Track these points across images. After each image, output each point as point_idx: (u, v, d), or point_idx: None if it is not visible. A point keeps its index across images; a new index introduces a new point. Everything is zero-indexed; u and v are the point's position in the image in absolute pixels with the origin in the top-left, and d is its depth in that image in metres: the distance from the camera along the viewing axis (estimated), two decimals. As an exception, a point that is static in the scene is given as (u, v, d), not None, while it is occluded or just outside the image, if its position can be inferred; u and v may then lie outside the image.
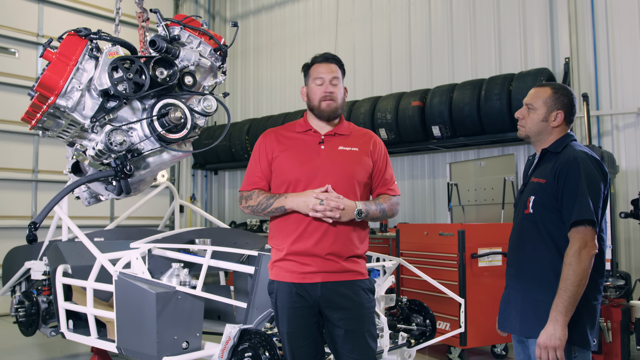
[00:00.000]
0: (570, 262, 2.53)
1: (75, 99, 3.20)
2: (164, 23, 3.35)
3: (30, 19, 9.61)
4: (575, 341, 2.60)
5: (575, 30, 7.51)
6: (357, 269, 2.92)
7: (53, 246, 4.93)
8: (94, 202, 4.08)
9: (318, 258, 2.84)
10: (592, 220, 2.54)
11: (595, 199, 2.59)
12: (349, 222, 2.88)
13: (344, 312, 2.84)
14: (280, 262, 2.92)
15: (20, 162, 9.37)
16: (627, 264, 6.93)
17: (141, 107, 3.37)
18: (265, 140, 3.04)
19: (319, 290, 2.84)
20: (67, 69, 3.12)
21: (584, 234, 2.55)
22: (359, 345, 2.84)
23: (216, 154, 11.06)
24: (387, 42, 9.60)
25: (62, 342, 6.40)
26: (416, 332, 4.57)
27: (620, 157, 7.07)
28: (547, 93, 2.82)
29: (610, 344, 5.20)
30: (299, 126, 3.06)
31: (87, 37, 3.19)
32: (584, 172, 2.61)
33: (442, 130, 7.73)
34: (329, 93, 2.95)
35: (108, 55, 3.15)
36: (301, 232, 2.86)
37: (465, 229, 5.78)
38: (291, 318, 2.87)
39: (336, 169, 2.91)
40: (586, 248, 2.53)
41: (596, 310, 2.69)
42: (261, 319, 3.66)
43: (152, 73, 3.22)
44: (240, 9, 12.41)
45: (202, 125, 3.53)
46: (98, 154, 3.19)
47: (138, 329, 3.71)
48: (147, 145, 3.34)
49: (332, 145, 2.97)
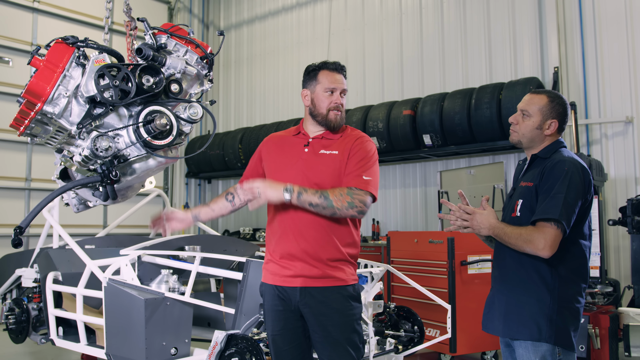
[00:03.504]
0: (523, 236, 2.59)
1: (62, 105, 3.24)
2: (151, 31, 3.40)
3: (25, 28, 9.66)
4: (558, 342, 2.63)
5: (564, 40, 7.60)
6: (338, 275, 2.85)
7: (44, 253, 4.93)
8: (83, 208, 4.10)
9: (298, 261, 2.83)
10: (557, 220, 2.54)
11: (571, 203, 2.59)
12: (327, 222, 2.83)
13: (323, 319, 2.82)
14: (267, 265, 2.96)
15: (14, 170, 9.38)
16: (617, 271, 6.97)
17: (127, 114, 3.40)
18: (261, 145, 3.13)
19: (297, 294, 2.83)
20: (54, 76, 3.16)
21: (545, 234, 2.55)
22: (338, 352, 2.81)
23: (210, 163, 11.08)
24: (379, 51, 9.68)
25: (52, 350, 6.39)
26: (404, 338, 4.58)
27: (609, 165, 7.13)
28: (544, 101, 2.84)
29: (599, 351, 5.22)
30: (295, 129, 3.09)
31: (74, 44, 3.24)
32: (565, 174, 2.63)
33: (433, 139, 7.78)
34: (339, 104, 2.97)
35: (95, 63, 3.19)
36: (281, 233, 2.89)
37: (454, 236, 5.81)
38: (275, 321, 2.89)
39: (308, 174, 2.88)
40: (540, 249, 2.55)
41: (579, 313, 2.71)
42: (249, 324, 3.68)
43: (139, 80, 3.26)
44: (234, 19, 12.48)
45: (188, 132, 3.57)
46: (84, 160, 3.22)
47: (127, 335, 3.72)
48: (133, 152, 3.38)
49: (315, 148, 2.96)
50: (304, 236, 2.84)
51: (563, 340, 2.64)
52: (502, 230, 2.68)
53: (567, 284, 2.67)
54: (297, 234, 2.85)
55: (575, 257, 2.70)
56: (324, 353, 2.85)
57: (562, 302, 2.64)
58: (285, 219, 2.89)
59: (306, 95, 3.03)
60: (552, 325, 2.62)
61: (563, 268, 2.67)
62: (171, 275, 3.89)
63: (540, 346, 2.64)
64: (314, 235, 2.84)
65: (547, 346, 2.63)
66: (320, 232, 2.85)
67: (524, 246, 2.59)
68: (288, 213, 2.87)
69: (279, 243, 2.90)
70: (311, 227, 2.84)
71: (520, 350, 2.70)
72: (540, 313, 2.65)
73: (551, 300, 2.65)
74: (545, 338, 2.62)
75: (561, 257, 2.64)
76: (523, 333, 2.67)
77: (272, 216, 2.99)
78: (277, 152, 3.02)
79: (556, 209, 2.56)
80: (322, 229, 2.85)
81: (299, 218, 2.85)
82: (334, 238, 2.87)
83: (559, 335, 2.63)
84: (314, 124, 3.02)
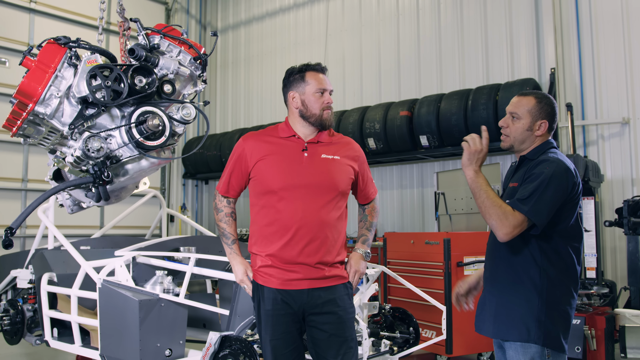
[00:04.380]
0: (503, 209, 2.59)
1: (54, 106, 3.23)
2: (144, 32, 3.39)
3: (21, 28, 9.67)
4: (547, 344, 2.62)
5: (560, 41, 7.61)
6: (339, 273, 2.96)
7: (39, 254, 4.92)
8: (77, 209, 4.09)
9: (305, 266, 2.86)
10: (526, 215, 2.56)
11: (544, 199, 2.58)
12: (334, 230, 2.93)
13: (329, 317, 2.87)
14: (266, 268, 2.92)
15: (10, 171, 9.39)
16: (613, 273, 6.97)
17: (120, 115, 3.39)
18: (245, 145, 3.02)
19: (305, 296, 2.86)
20: (45, 77, 3.15)
21: (515, 222, 2.56)
22: (343, 350, 2.86)
23: (207, 164, 11.08)
24: (376, 52, 9.68)
25: (48, 351, 6.37)
26: (399, 339, 4.57)
27: (606, 167, 7.13)
28: (532, 102, 2.83)
29: (595, 352, 5.21)
30: (282, 131, 3.05)
31: (66, 45, 3.22)
32: (546, 173, 2.62)
33: (429, 140, 7.77)
34: (330, 104, 3.02)
35: (87, 63, 3.18)
36: (288, 240, 2.87)
37: (450, 237, 5.80)
38: (275, 325, 2.87)
39: (319, 178, 2.91)
40: (503, 232, 2.57)
41: (569, 315, 2.71)
42: (243, 326, 3.67)
43: (131, 81, 3.25)
44: (232, 20, 12.48)
45: (181, 132, 3.56)
46: (76, 160, 3.21)
47: (121, 337, 3.71)
48: (126, 152, 3.37)
49: (315, 153, 2.97)
50: (314, 244, 2.88)
51: (552, 341, 2.64)
52: (484, 186, 2.67)
53: (555, 286, 2.66)
54: (305, 242, 2.87)
55: (563, 258, 2.69)
56: (329, 352, 2.86)
57: (551, 304, 2.64)
58: (290, 228, 2.88)
59: (294, 97, 3.02)
60: (540, 326, 2.62)
61: (552, 269, 2.66)
62: (166, 276, 3.88)
63: (529, 347, 2.63)
64: (321, 243, 2.89)
65: (536, 347, 2.62)
66: (329, 240, 2.92)
67: (491, 217, 2.59)
68: (294, 217, 2.87)
69: (284, 250, 2.87)
70: (319, 236, 2.89)
71: (510, 352, 2.70)
72: (529, 314, 2.64)
73: (539, 302, 2.64)
74: (534, 339, 2.62)
75: (549, 258, 2.65)
76: (512, 334, 2.67)
77: (268, 219, 2.94)
78: (271, 154, 2.97)
79: (528, 204, 2.56)
80: (330, 237, 2.92)
81: (308, 223, 2.87)
82: (338, 244, 2.97)
83: (547, 337, 2.62)
84: (306, 125, 3.02)
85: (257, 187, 2.97)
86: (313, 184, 2.90)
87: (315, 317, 2.88)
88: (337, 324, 2.88)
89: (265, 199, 2.94)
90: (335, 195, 2.94)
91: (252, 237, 3.03)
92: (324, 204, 2.90)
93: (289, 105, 3.05)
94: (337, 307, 2.89)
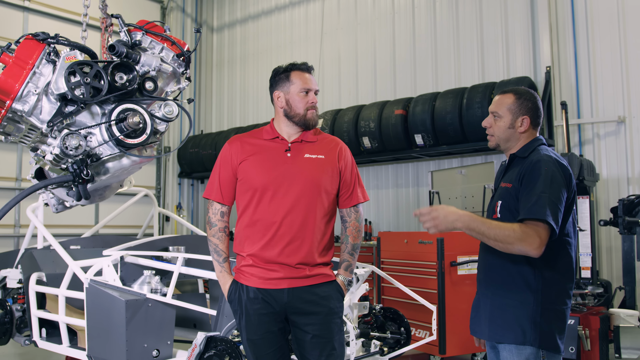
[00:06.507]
0: (516, 232, 2.46)
1: (32, 103, 3.19)
2: (126, 28, 3.34)
3: (15, 26, 9.64)
4: (543, 345, 2.59)
5: (556, 40, 7.57)
6: (323, 271, 2.91)
7: (27, 254, 4.90)
8: (62, 208, 4.06)
9: (285, 266, 2.82)
10: (546, 221, 2.48)
11: (554, 201, 2.53)
12: (317, 230, 2.88)
13: (312, 318, 2.83)
14: (246, 268, 2.89)
15: (4, 170, 9.36)
16: (609, 272, 6.94)
17: (100, 112, 3.35)
18: (230, 147, 3.01)
19: (285, 296, 2.82)
20: (23, 73, 3.11)
21: (540, 233, 2.46)
22: (327, 351, 2.82)
23: (202, 163, 11.04)
24: (372, 51, 9.65)
25: (40, 351, 6.32)
26: (390, 340, 4.53)
27: (601, 165, 7.09)
28: (511, 99, 2.80)
29: (589, 352, 5.18)
30: (265, 133, 3.03)
31: (44, 41, 3.19)
32: (545, 173, 2.58)
33: (424, 139, 7.73)
34: (315, 104, 2.99)
35: (66, 60, 3.14)
36: (268, 239, 2.84)
37: (444, 237, 5.75)
38: (256, 325, 2.84)
39: (302, 177, 2.89)
40: (535, 248, 2.45)
41: (565, 315, 2.67)
42: (230, 326, 3.64)
43: (111, 78, 3.21)
44: (227, 18, 12.45)
45: (164, 130, 3.51)
46: (56, 158, 3.17)
47: (108, 337, 3.68)
48: (106, 150, 3.33)
49: (299, 152, 2.95)
50: (294, 244, 2.84)
51: (547, 343, 2.60)
52: (480, 222, 2.53)
53: (550, 285, 2.63)
54: (286, 242, 2.84)
55: (559, 257, 2.66)
56: (313, 353, 2.83)
57: (546, 304, 2.60)
58: (270, 227, 2.85)
59: (279, 96, 3.00)
60: (536, 328, 2.58)
61: (547, 269, 2.62)
62: (154, 276, 3.84)
63: (524, 349, 2.60)
64: (301, 242, 2.85)
65: (531, 349, 2.59)
66: (310, 240, 2.87)
67: (515, 243, 2.46)
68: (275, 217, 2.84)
69: (265, 249, 2.84)
70: (300, 236, 2.85)
71: (504, 353, 2.66)
72: (524, 316, 2.61)
73: (534, 303, 2.60)
74: (529, 341, 2.59)
75: (545, 257, 2.57)
76: (508, 337, 2.63)
77: (250, 218, 2.91)
78: (254, 154, 2.95)
79: (544, 209, 2.49)
80: (311, 237, 2.88)
81: (289, 223, 2.84)
82: (322, 245, 2.93)
83: (543, 338, 2.59)
84: (290, 125, 3.00)
85: (242, 186, 2.95)
86: (295, 183, 2.87)
87: (298, 318, 2.85)
88: (321, 325, 2.83)
89: (248, 198, 2.91)
90: (319, 195, 2.91)
91: (236, 237, 3.01)
92: (307, 204, 2.87)
93: (275, 104, 3.04)
94: (320, 307, 2.84)
